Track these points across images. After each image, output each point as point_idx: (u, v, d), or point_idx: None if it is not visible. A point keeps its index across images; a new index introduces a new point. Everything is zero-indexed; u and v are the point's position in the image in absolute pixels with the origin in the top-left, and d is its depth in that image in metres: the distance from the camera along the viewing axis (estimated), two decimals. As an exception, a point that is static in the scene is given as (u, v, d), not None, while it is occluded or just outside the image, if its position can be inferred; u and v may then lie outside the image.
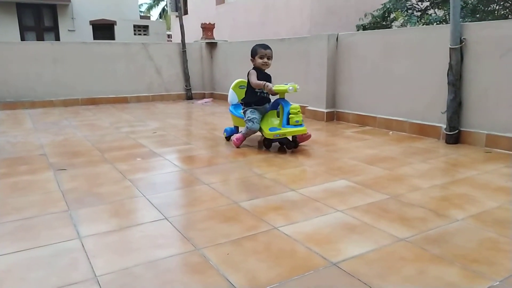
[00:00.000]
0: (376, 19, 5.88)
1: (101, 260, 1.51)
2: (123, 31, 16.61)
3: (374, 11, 6.08)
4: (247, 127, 3.24)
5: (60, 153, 3.22)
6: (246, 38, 7.99)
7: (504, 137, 3.12)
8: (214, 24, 7.62)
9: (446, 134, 3.42)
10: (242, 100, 3.45)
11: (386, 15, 5.78)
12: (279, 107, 3.19)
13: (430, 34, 3.70)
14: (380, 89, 4.18)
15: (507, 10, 5.36)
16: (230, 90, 3.70)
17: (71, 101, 6.42)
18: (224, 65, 7.08)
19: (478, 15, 5.33)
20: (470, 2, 5.49)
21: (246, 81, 3.48)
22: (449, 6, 3.35)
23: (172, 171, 2.73)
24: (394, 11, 5.65)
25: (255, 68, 3.35)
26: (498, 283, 1.33)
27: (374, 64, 4.22)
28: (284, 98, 3.16)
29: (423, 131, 3.72)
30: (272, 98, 3.38)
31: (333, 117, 4.77)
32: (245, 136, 3.30)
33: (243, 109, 3.39)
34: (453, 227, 1.77)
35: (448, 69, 3.36)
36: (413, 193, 2.21)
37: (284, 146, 3.19)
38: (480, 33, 3.23)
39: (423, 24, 5.30)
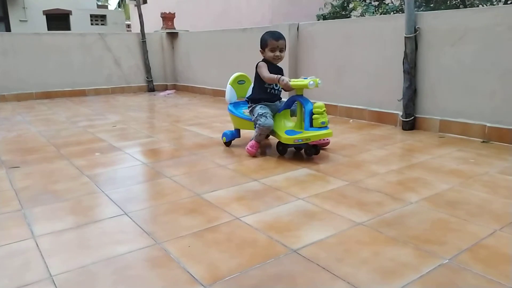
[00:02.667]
0: (336, 9, 5.96)
1: (57, 259, 1.46)
2: (79, 21, 15.96)
3: (333, 0, 6.16)
4: (259, 124, 2.68)
5: (12, 150, 3.07)
6: (208, 27, 7.88)
7: (456, 122, 3.28)
8: (174, 13, 7.45)
9: (403, 121, 3.55)
10: (248, 97, 2.96)
11: (345, 4, 5.88)
12: (294, 105, 2.73)
13: (386, 24, 3.80)
14: (341, 78, 4.26)
15: (459, 0, 5.60)
16: (228, 86, 3.16)
17: (24, 95, 6.11)
18: (186, 55, 6.97)
19: (432, 5, 5.52)
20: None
21: (246, 75, 3.19)
22: (404, -4, 3.44)
23: (133, 165, 2.67)
24: (353, 1, 5.76)
25: (265, 59, 2.85)
26: (447, 261, 1.40)
27: (334, 54, 4.29)
28: (302, 95, 2.63)
29: (381, 118, 3.84)
30: (284, 95, 2.97)
31: (295, 106, 4.81)
32: (259, 138, 2.75)
33: (249, 107, 2.88)
34: (408, 209, 1.85)
35: (404, 58, 3.47)
36: (371, 178, 2.28)
37: (303, 152, 2.75)
38: (432, 22, 3.35)
39: (380, 14, 5.43)
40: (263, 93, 2.83)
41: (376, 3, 6.08)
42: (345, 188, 2.15)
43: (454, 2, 5.59)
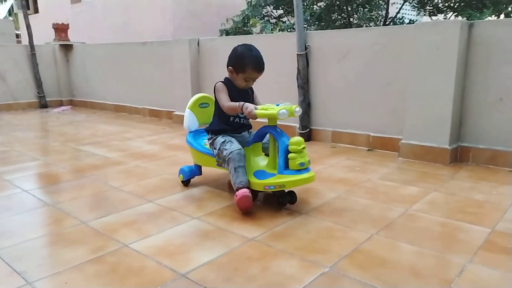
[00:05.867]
0: (237, 25, 6.12)
1: None
2: (-44, 30, 14.05)
3: (234, 16, 6.31)
4: (225, 155, 2.05)
5: None
6: (107, 40, 7.51)
7: (345, 133, 3.54)
8: (68, 24, 6.97)
9: (300, 133, 3.73)
10: (207, 128, 2.34)
11: (246, 21, 6.06)
12: (265, 138, 2.18)
13: (281, 41, 3.98)
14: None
15: (345, 20, 6.13)
16: (187, 110, 2.51)
17: None
18: (83, 69, 6.55)
19: (323, 23, 5.96)
20: (317, 11, 6.11)
21: (210, 96, 2.53)
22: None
23: (11, 193, 2.39)
24: (252, 18, 5.96)
25: (227, 80, 2.21)
26: (328, 269, 1.48)
27: (234, 69, 4.36)
28: (275, 125, 2.06)
29: (280, 131, 3.98)
30: (254, 123, 2.34)
31: (200, 121, 4.79)
32: (239, 179, 2.01)
33: (209, 139, 2.27)
34: (297, 221, 1.93)
35: (297, 74, 3.66)
36: (266, 192, 2.33)
37: (279, 200, 2.11)
38: (320, 41, 3.60)
39: (278, 31, 5.69)
40: (225, 123, 2.22)
41: (274, 20, 6.39)
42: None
43: (343, 22, 6.11)
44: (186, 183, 2.49)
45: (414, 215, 2.00)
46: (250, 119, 2.24)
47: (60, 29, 6.79)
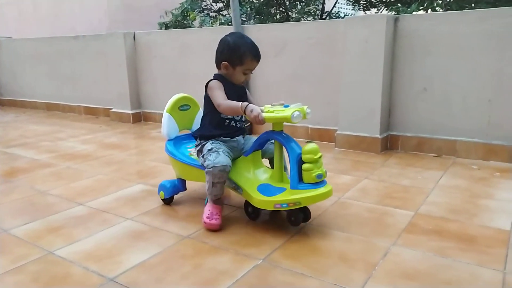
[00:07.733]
0: (177, 18, 5.98)
1: None
2: None
3: (174, 9, 6.16)
4: (207, 166, 1.73)
5: None
6: (38, 34, 7.04)
7: (285, 125, 3.58)
8: (-9, 17, 6.44)
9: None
10: (195, 132, 2.03)
11: (185, 14, 5.94)
12: (268, 145, 1.89)
13: (219, 35, 3.89)
14: (183, 87, 4.25)
15: (284, 13, 6.22)
16: (165, 114, 2.11)
17: None
18: (11, 66, 6.09)
19: (263, 17, 6.00)
20: (256, 4, 6.13)
21: (190, 96, 2.25)
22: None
23: None
24: (190, 12, 5.86)
25: (220, 77, 1.91)
26: (261, 261, 1.50)
27: (174, 63, 4.28)
28: (282, 131, 1.78)
29: (222, 125, 3.97)
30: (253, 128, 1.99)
31: (140, 118, 4.65)
32: (215, 193, 1.79)
33: (197, 145, 1.93)
34: (233, 216, 1.93)
35: (236, 67, 3.65)
36: (203, 188, 2.31)
37: (286, 217, 1.78)
38: (257, 34, 3.61)
39: (218, 25, 5.65)
40: (218, 127, 1.87)
41: (214, 14, 6.33)
42: (175, 200, 2.13)
43: (282, 15, 6.19)
44: (168, 201, 2.09)
45: (346, 202, 2.08)
46: (245, 121, 1.93)
47: (-19, 22, 6.25)
